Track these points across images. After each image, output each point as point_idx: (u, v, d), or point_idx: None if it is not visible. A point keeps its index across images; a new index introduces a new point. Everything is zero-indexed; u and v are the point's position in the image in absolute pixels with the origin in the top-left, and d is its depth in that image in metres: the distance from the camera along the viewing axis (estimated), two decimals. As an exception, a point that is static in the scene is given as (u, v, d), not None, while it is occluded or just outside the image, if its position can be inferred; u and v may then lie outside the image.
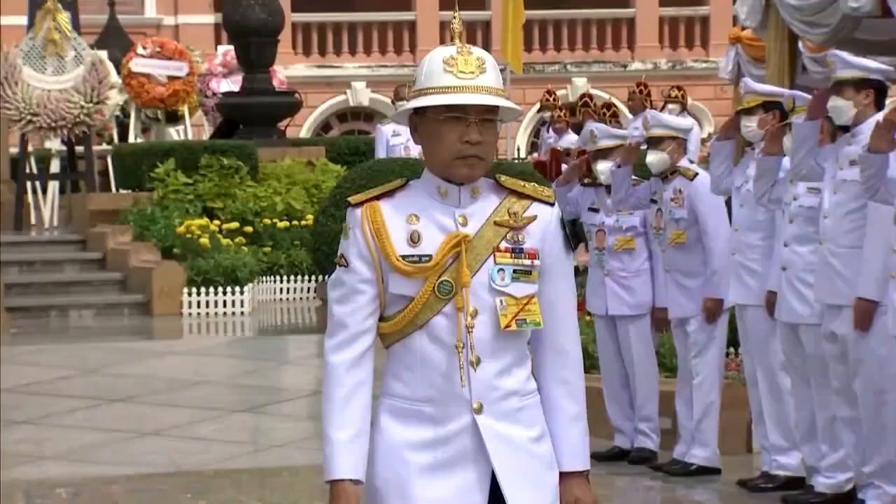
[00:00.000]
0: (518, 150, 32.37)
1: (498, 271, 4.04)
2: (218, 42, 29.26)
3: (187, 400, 13.42)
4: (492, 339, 4.03)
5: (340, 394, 4.09)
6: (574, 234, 13.08)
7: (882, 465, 9.18)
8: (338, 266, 4.15)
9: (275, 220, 17.96)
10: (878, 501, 9.16)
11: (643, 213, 11.38)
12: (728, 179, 10.62)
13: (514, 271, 4.05)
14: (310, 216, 17.02)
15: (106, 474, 11.68)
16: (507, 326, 4.03)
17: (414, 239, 4.03)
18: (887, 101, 9.56)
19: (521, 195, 4.16)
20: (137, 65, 22.53)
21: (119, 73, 21.37)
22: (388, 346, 4.14)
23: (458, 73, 4.05)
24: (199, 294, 16.94)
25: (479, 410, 4.02)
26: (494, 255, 4.05)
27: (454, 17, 4.34)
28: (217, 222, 17.88)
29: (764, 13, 13.24)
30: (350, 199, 4.20)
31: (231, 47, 24.26)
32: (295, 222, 17.77)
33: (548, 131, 24.51)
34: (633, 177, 11.34)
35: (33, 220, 19.88)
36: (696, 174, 11.06)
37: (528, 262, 4.07)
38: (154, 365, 14.34)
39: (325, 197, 16.61)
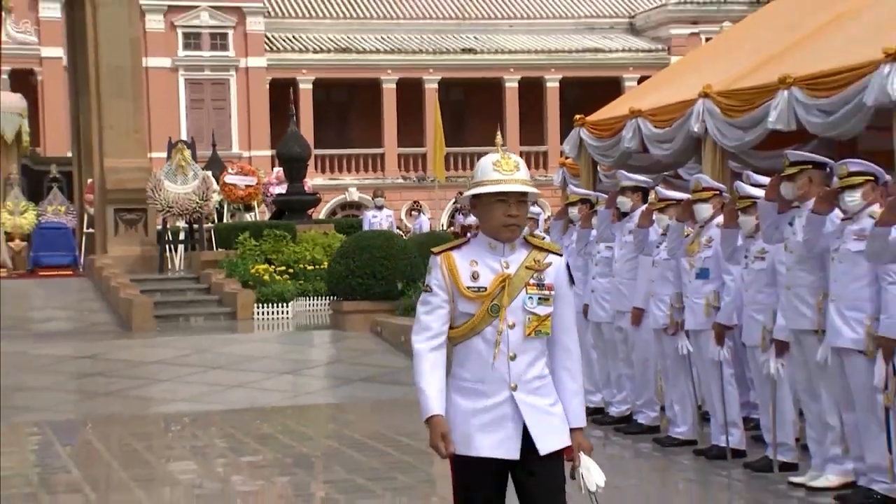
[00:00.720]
0: (443, 224, 32.40)
1: (528, 298, 3.82)
2: (273, 165, 29.04)
3: (256, 367, 13.34)
4: (521, 342, 3.80)
5: (426, 366, 3.83)
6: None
7: (646, 400, 9.26)
8: (424, 291, 3.91)
9: (306, 265, 17.79)
10: (644, 421, 9.26)
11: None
12: (560, 241, 10.68)
13: (539, 298, 3.83)
14: (325, 263, 16.92)
15: (211, 409, 11.63)
16: (530, 335, 3.81)
17: (475, 276, 3.82)
18: (649, 198, 9.70)
19: (542, 249, 3.94)
20: (228, 178, 22.41)
21: (218, 183, 21.32)
22: (454, 346, 3.86)
23: (502, 171, 3.84)
24: (263, 307, 16.72)
25: (515, 388, 3.79)
26: (526, 288, 3.82)
27: (498, 137, 4.21)
28: (273, 267, 17.72)
29: (578, 149, 13.29)
30: (433, 249, 3.95)
31: (280, 168, 24.21)
32: (317, 266, 17.61)
33: (458, 214, 24.68)
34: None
35: (169, 266, 19.75)
36: (544, 238, 11.10)
37: (547, 292, 3.85)
38: (237, 348, 14.26)
39: (334, 252, 16.55)
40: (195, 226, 19.90)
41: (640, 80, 30.00)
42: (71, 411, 11.70)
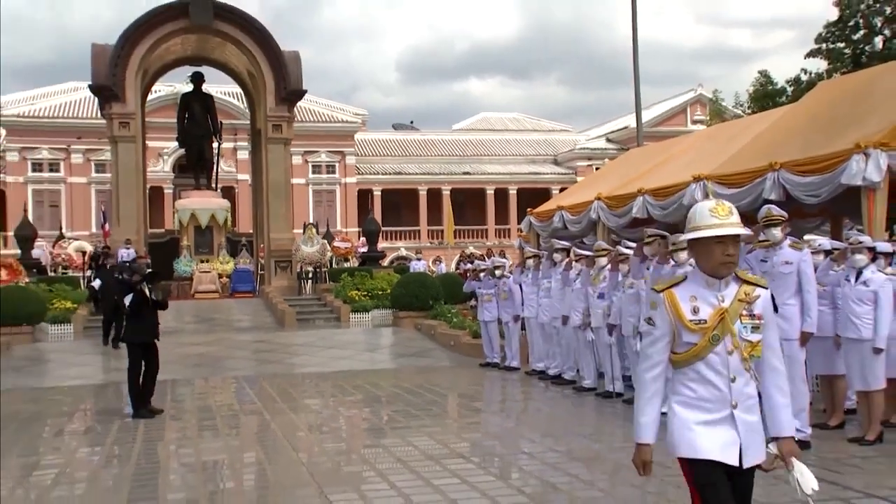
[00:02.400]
0: (452, 268, 32.18)
1: (743, 327, 2.51)
2: (360, 236, 29.08)
3: (352, 348, 13.20)
4: (739, 365, 2.49)
5: (646, 396, 2.58)
6: (473, 294, 12.76)
7: (568, 366, 9.03)
8: (647, 323, 2.61)
9: (378, 291, 17.44)
10: (567, 377, 8.98)
11: (494, 289, 10.83)
12: (518, 279, 10.30)
13: (752, 327, 2.52)
14: (389, 290, 16.72)
15: (327, 371, 11.46)
16: (745, 359, 2.50)
17: (695, 311, 2.52)
18: (571, 253, 9.48)
19: (750, 283, 2.56)
20: (336, 243, 22.51)
21: (330, 246, 21.31)
22: (678, 368, 2.55)
23: (718, 216, 2.51)
24: (355, 315, 16.42)
25: (736, 406, 2.48)
26: (740, 318, 2.51)
27: (709, 187, 3.20)
28: (360, 292, 17.40)
29: (529, 227, 13.13)
30: (654, 287, 2.64)
31: (364, 238, 24.09)
32: (385, 292, 17.15)
33: (462, 262, 24.54)
34: (489, 278, 10.98)
35: (304, 292, 19.64)
36: (509, 277, 10.67)
37: (757, 321, 2.52)
38: (340, 336, 14.15)
39: (394, 283, 16.45)
40: (318, 270, 19.89)
41: (561, 190, 29.94)
42: (253, 370, 11.61)
